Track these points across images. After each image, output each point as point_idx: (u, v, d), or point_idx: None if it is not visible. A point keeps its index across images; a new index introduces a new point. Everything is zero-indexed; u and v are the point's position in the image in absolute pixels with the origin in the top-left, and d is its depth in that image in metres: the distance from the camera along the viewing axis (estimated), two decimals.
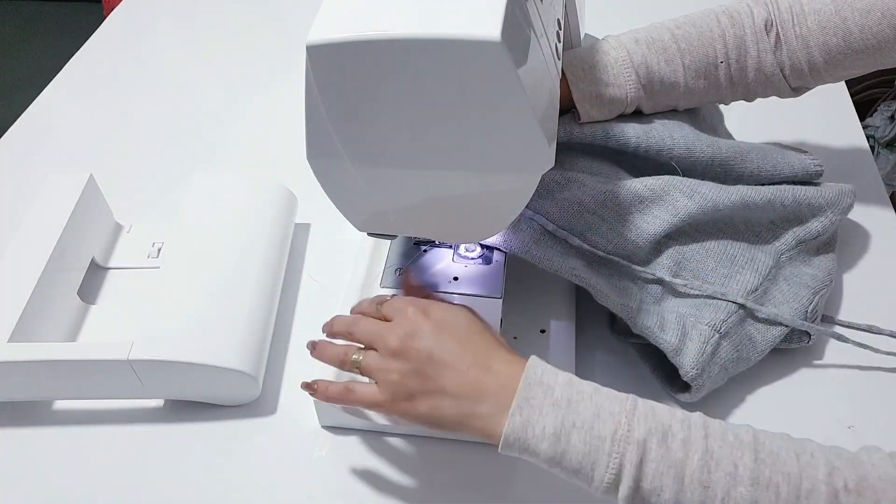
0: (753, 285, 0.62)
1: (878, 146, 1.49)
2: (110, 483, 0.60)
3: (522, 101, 0.41)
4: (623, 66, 0.64)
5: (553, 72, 0.50)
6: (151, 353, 0.58)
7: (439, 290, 0.59)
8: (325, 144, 0.46)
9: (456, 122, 0.43)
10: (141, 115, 0.95)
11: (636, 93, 0.65)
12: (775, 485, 0.43)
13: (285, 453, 0.61)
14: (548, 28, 0.50)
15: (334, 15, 0.42)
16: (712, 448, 0.45)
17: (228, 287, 0.65)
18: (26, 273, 0.64)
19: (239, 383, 0.62)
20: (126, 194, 0.81)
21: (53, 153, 0.90)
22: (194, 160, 0.88)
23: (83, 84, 1.01)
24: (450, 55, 0.39)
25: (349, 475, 0.60)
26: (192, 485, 0.59)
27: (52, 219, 0.68)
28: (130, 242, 0.76)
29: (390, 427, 0.61)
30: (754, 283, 0.62)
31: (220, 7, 1.14)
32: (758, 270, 0.63)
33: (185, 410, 0.64)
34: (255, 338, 0.64)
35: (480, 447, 0.60)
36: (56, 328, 0.66)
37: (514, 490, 0.59)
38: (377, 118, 0.43)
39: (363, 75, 0.41)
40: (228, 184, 0.74)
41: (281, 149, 0.75)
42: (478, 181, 0.46)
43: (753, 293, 0.62)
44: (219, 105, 0.96)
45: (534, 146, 0.44)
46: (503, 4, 0.39)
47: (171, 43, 1.10)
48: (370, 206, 0.49)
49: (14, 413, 0.64)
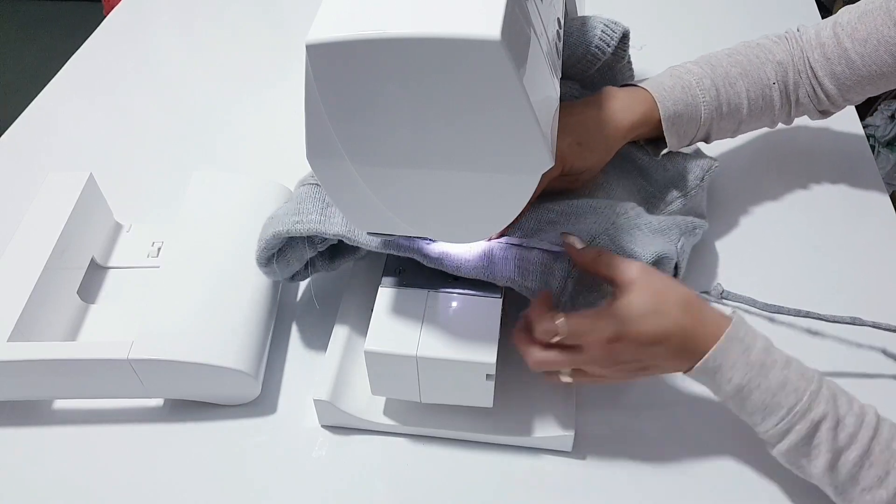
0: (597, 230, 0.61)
1: (878, 145, 1.49)
2: (110, 483, 0.60)
3: (522, 100, 0.41)
4: (699, 88, 0.68)
5: (553, 71, 0.50)
6: (151, 352, 0.58)
7: (439, 289, 0.59)
8: (325, 144, 0.46)
9: (456, 122, 0.43)
10: (141, 115, 0.95)
11: (708, 115, 0.68)
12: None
13: (285, 453, 0.61)
14: (548, 27, 0.50)
15: (334, 14, 0.41)
16: (874, 450, 0.50)
17: (228, 287, 0.65)
18: (26, 272, 0.64)
19: (239, 383, 0.62)
20: (126, 194, 0.81)
21: (53, 153, 0.90)
22: (194, 160, 0.88)
23: (83, 84, 1.01)
24: (449, 55, 0.39)
25: (349, 475, 0.60)
26: (192, 485, 0.59)
27: (52, 218, 0.68)
28: (130, 242, 0.76)
29: (390, 427, 0.61)
30: (598, 228, 0.61)
31: (220, 7, 1.14)
32: (602, 218, 0.62)
33: (185, 410, 0.64)
34: (255, 337, 0.64)
35: (480, 447, 0.61)
36: (56, 327, 0.66)
37: (515, 490, 0.59)
38: (377, 118, 0.43)
39: (363, 75, 0.41)
40: (228, 184, 0.74)
41: (281, 149, 0.75)
42: (477, 181, 0.46)
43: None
44: (219, 105, 0.96)
45: (533, 146, 0.44)
46: (503, 4, 0.39)
47: (171, 43, 1.10)
48: (370, 206, 0.49)
49: (14, 413, 0.64)
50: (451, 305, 0.57)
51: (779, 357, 0.52)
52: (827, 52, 0.68)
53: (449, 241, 0.57)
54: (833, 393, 0.51)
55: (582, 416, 0.62)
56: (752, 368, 0.51)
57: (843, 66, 0.68)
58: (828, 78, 0.69)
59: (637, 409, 0.63)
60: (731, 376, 0.52)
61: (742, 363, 0.52)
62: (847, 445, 0.50)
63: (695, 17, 1.07)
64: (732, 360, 0.52)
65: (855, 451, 0.49)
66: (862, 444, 0.50)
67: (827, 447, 0.50)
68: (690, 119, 0.68)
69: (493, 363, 0.54)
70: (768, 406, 0.51)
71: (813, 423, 0.50)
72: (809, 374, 0.52)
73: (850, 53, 0.67)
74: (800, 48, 0.70)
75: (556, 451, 0.60)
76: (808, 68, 0.70)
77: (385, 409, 0.62)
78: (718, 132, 0.71)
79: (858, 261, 0.73)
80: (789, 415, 0.51)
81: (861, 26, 0.67)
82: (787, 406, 0.51)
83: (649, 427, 0.62)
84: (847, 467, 0.50)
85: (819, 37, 0.69)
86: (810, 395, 0.51)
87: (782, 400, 0.51)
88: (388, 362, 0.55)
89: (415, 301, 0.57)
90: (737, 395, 0.52)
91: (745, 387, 0.52)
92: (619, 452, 0.60)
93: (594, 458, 0.60)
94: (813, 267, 0.73)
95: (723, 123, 0.70)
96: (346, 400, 0.61)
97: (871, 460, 0.49)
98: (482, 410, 0.60)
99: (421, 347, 0.54)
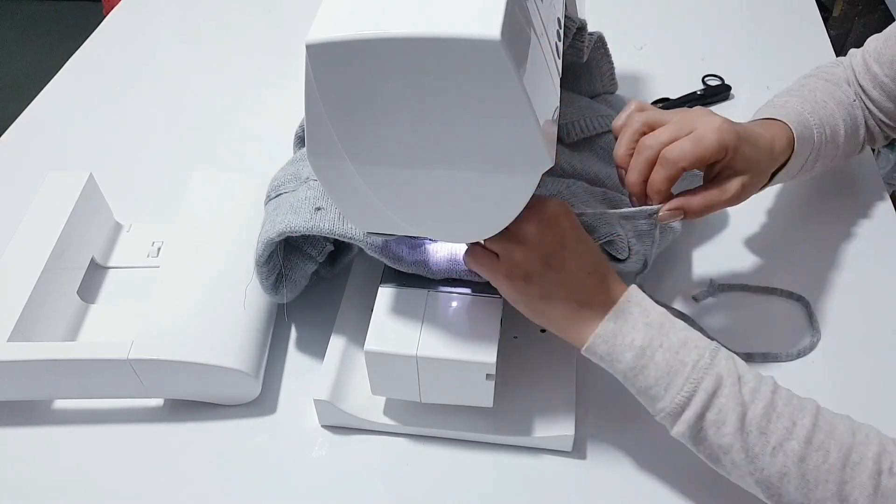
0: None
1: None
2: (110, 483, 0.60)
3: (522, 100, 0.41)
4: (806, 113, 0.65)
5: (553, 71, 0.50)
6: (151, 352, 0.58)
7: (439, 289, 0.59)
8: (325, 144, 0.46)
9: (456, 122, 0.43)
10: (141, 114, 0.95)
11: (819, 139, 0.66)
12: (826, 449, 0.47)
13: (285, 453, 0.61)
14: (548, 27, 0.50)
15: (334, 14, 0.41)
16: (777, 402, 0.49)
17: (228, 287, 0.65)
18: (26, 272, 0.64)
19: (238, 383, 0.62)
20: (126, 194, 0.81)
21: (53, 153, 0.90)
22: (194, 160, 0.88)
23: (83, 84, 1.01)
24: (450, 54, 0.39)
25: (349, 475, 0.60)
26: (192, 485, 0.59)
27: (51, 218, 0.68)
28: (130, 242, 0.76)
29: (390, 427, 0.61)
30: None
31: (220, 7, 1.14)
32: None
33: (185, 410, 0.64)
34: (255, 337, 0.64)
35: (480, 447, 0.61)
36: (56, 327, 0.66)
37: (515, 490, 0.59)
38: (377, 117, 0.43)
39: (363, 74, 0.41)
40: (228, 184, 0.74)
41: (281, 149, 0.75)
42: (477, 181, 0.46)
43: None
44: (219, 105, 0.96)
45: (533, 146, 0.44)
46: (503, 3, 0.39)
47: (171, 43, 1.10)
48: (370, 206, 0.49)
49: (14, 413, 0.64)
50: (451, 305, 0.57)
51: (676, 322, 0.52)
52: (860, 78, 0.70)
53: (449, 240, 0.57)
54: (732, 356, 0.51)
55: (582, 416, 0.62)
56: (652, 328, 0.51)
57: (878, 91, 0.69)
58: (873, 105, 0.70)
59: (637, 408, 0.63)
60: (632, 338, 0.51)
61: (643, 325, 0.51)
62: (752, 400, 0.49)
63: (695, 17, 1.07)
64: (633, 322, 0.51)
65: (760, 404, 0.48)
66: (766, 397, 0.49)
67: (733, 404, 0.48)
68: (808, 143, 0.65)
69: (493, 363, 0.54)
70: (671, 367, 0.50)
71: (718, 378, 0.49)
72: (708, 340, 0.51)
73: (879, 78, 0.69)
74: (852, 71, 0.71)
75: (556, 451, 0.60)
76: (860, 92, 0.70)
77: (385, 409, 0.62)
78: (824, 159, 0.68)
79: (858, 260, 0.73)
80: (694, 371, 0.49)
81: (886, 49, 0.68)
82: (690, 362, 0.49)
83: (649, 427, 0.62)
84: (756, 421, 0.48)
85: (853, 64, 0.70)
86: (711, 352, 0.50)
87: (685, 356, 0.50)
88: (388, 362, 0.55)
89: (415, 301, 0.57)
90: (638, 362, 0.50)
91: (648, 347, 0.50)
92: (619, 452, 0.60)
93: (594, 458, 0.60)
94: (813, 267, 0.73)
95: (828, 148, 0.68)
96: (346, 400, 0.61)
97: (778, 411, 0.48)
98: (482, 410, 0.60)
99: (421, 347, 0.54)
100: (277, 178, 0.66)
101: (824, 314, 0.68)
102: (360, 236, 0.58)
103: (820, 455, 0.47)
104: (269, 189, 0.66)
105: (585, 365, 0.64)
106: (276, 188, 0.65)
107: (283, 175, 0.66)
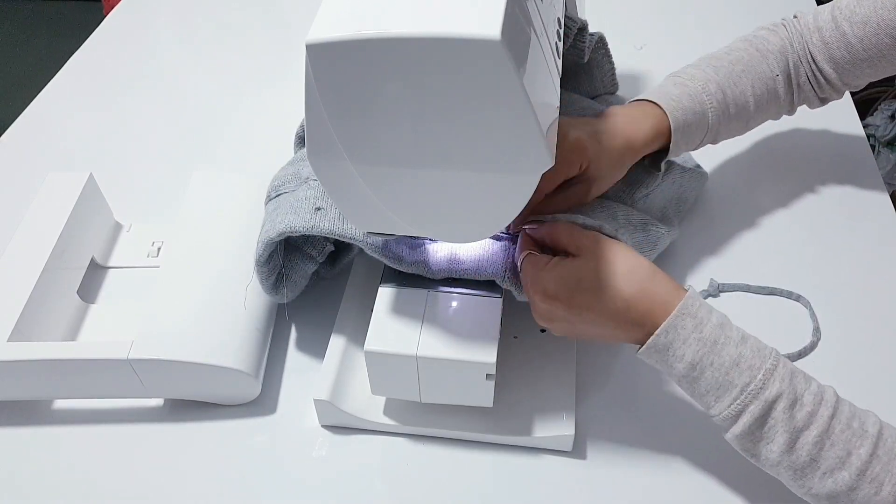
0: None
1: (878, 145, 1.49)
2: (110, 483, 0.60)
3: (522, 100, 0.41)
4: (705, 94, 0.67)
5: (553, 71, 0.50)
6: (151, 352, 0.58)
7: (439, 289, 0.59)
8: (325, 144, 0.46)
9: (456, 122, 0.43)
10: (141, 114, 0.95)
11: (716, 119, 0.67)
12: (879, 482, 0.46)
13: (285, 453, 0.61)
14: (548, 27, 0.50)
15: (334, 14, 0.41)
16: (834, 429, 0.47)
17: (228, 287, 0.65)
18: (26, 272, 0.64)
19: (238, 383, 0.62)
20: (126, 194, 0.81)
21: (53, 153, 0.90)
22: (194, 160, 0.88)
23: (83, 84, 1.00)
24: (449, 54, 0.39)
25: (349, 475, 0.60)
26: (192, 484, 0.59)
27: (51, 218, 0.68)
28: (130, 242, 0.76)
29: (390, 427, 0.61)
30: None
31: (220, 7, 1.14)
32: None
33: (185, 410, 0.64)
34: (255, 337, 0.64)
35: (480, 447, 0.61)
36: (56, 327, 0.66)
37: (515, 490, 0.59)
38: (377, 117, 0.43)
39: (363, 74, 0.41)
40: (228, 184, 0.74)
41: (281, 149, 0.75)
42: (477, 181, 0.46)
43: None
44: (219, 105, 0.96)
45: (533, 146, 0.44)
46: (503, 4, 0.39)
47: (170, 42, 1.10)
48: (370, 205, 0.49)
49: (14, 413, 0.64)
50: (451, 305, 0.57)
51: (734, 334, 0.50)
52: (825, 36, 0.68)
53: (449, 240, 0.57)
54: (790, 371, 0.49)
55: (582, 416, 0.62)
56: (704, 345, 0.49)
57: (843, 51, 0.67)
58: (827, 63, 0.68)
59: (637, 409, 0.63)
60: (683, 353, 0.50)
61: (694, 339, 0.50)
62: (806, 425, 0.47)
63: (695, 16, 1.07)
64: (684, 336, 0.50)
65: (814, 431, 0.47)
66: (821, 423, 0.47)
67: (783, 427, 0.47)
68: (699, 126, 0.67)
69: (493, 363, 0.54)
70: (721, 385, 0.49)
71: (767, 403, 0.48)
72: (766, 352, 0.50)
73: (848, 37, 0.67)
74: (798, 34, 0.69)
75: (556, 451, 0.60)
76: (807, 54, 0.69)
77: (385, 409, 0.62)
78: (727, 133, 0.70)
79: (859, 260, 0.73)
80: (742, 394, 0.48)
81: (860, 9, 0.66)
82: (740, 385, 0.49)
83: (649, 427, 0.62)
84: (807, 448, 0.47)
85: (817, 21, 0.69)
86: (765, 374, 0.48)
87: (735, 378, 0.49)
88: (388, 362, 0.55)
89: (415, 301, 0.57)
90: (689, 374, 0.50)
91: (698, 364, 0.49)
92: (619, 452, 0.60)
93: (594, 458, 0.60)
94: (813, 267, 0.73)
95: (731, 125, 0.69)
96: (346, 400, 0.61)
97: (832, 440, 0.47)
98: (482, 410, 0.60)
99: (421, 347, 0.54)
100: (277, 178, 0.66)
101: (825, 314, 0.68)
102: (360, 236, 0.58)
103: (872, 487, 0.46)
104: (269, 189, 0.66)
105: (585, 365, 0.65)
106: (276, 188, 0.65)
107: (283, 175, 0.66)
